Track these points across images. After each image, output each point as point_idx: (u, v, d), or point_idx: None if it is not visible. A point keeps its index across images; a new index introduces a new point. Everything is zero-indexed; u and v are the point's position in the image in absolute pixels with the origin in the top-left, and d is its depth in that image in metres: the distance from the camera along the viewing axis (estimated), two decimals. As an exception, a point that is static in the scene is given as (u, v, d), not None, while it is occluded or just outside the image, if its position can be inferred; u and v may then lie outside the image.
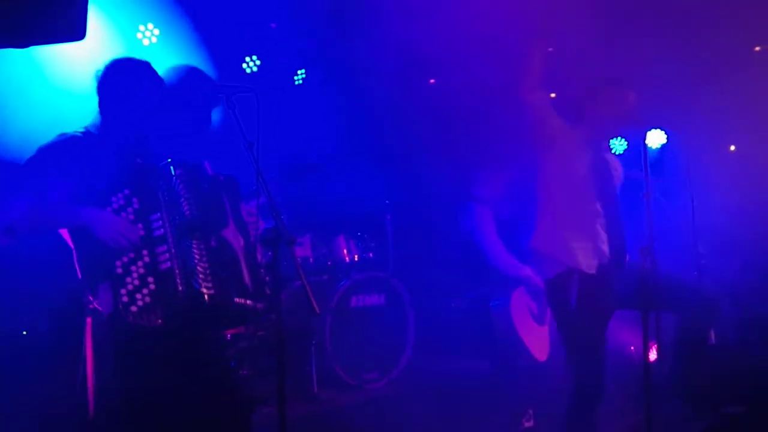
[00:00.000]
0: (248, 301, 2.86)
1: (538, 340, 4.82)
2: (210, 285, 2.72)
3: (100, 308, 2.73)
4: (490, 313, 4.98)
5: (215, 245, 2.80)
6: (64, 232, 2.83)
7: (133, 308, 2.65)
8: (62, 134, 2.83)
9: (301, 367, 4.85)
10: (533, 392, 4.70)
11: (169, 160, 2.83)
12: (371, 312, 5.26)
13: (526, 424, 4.61)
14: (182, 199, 2.77)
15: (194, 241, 2.74)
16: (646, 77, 5.65)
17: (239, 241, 2.92)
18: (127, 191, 2.75)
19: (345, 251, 5.49)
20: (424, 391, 5.10)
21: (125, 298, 2.65)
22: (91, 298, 2.77)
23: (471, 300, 5.65)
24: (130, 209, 2.73)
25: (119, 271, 2.68)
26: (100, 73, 2.90)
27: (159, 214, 2.74)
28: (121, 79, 2.90)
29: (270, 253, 2.69)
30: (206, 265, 2.74)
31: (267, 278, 2.96)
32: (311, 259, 5.52)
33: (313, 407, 4.70)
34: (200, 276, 2.71)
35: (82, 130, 2.87)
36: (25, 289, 4.26)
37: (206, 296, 2.70)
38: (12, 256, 4.03)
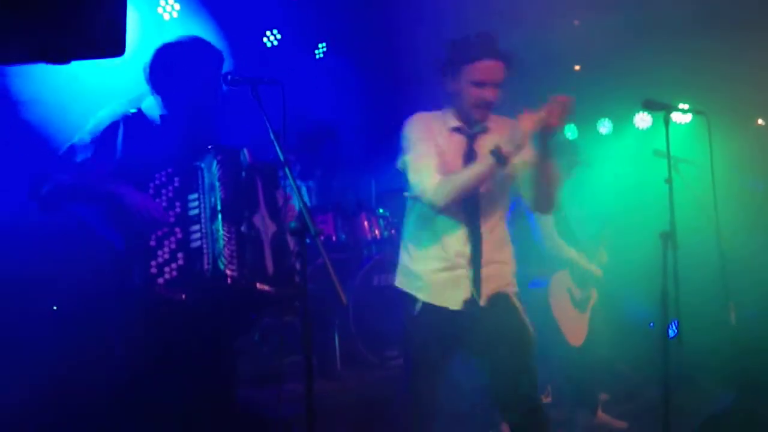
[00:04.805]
0: (269, 288, 2.94)
1: (574, 325, 4.74)
2: (234, 267, 2.82)
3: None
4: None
5: (245, 230, 2.91)
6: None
7: (160, 280, 2.76)
8: (114, 112, 2.91)
9: (325, 345, 4.90)
10: (555, 370, 4.73)
11: (211, 146, 2.93)
12: (393, 290, 5.26)
13: (545, 400, 4.65)
14: (219, 184, 2.88)
15: (225, 224, 2.85)
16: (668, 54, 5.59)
17: (269, 228, 3.01)
18: (170, 170, 2.88)
19: (367, 229, 5.51)
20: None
21: (154, 270, 2.77)
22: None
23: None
24: (170, 187, 2.87)
25: (153, 243, 2.80)
26: (154, 55, 2.94)
27: (197, 194, 2.87)
28: (178, 60, 2.94)
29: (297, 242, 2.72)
30: (234, 248, 2.84)
31: (298, 266, 2.99)
32: (333, 237, 5.54)
33: (337, 384, 4.76)
34: (227, 258, 2.81)
35: (134, 110, 2.95)
36: (49, 270, 4.31)
37: (229, 278, 2.80)
38: (37, 237, 4.08)
